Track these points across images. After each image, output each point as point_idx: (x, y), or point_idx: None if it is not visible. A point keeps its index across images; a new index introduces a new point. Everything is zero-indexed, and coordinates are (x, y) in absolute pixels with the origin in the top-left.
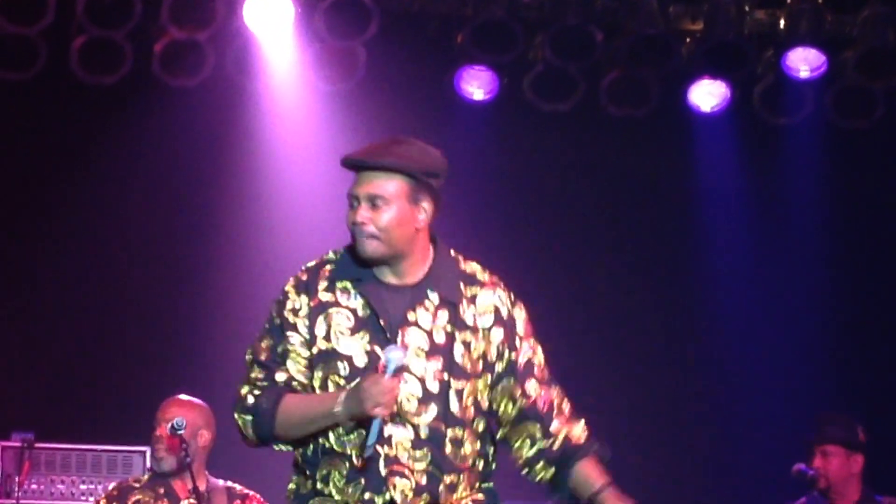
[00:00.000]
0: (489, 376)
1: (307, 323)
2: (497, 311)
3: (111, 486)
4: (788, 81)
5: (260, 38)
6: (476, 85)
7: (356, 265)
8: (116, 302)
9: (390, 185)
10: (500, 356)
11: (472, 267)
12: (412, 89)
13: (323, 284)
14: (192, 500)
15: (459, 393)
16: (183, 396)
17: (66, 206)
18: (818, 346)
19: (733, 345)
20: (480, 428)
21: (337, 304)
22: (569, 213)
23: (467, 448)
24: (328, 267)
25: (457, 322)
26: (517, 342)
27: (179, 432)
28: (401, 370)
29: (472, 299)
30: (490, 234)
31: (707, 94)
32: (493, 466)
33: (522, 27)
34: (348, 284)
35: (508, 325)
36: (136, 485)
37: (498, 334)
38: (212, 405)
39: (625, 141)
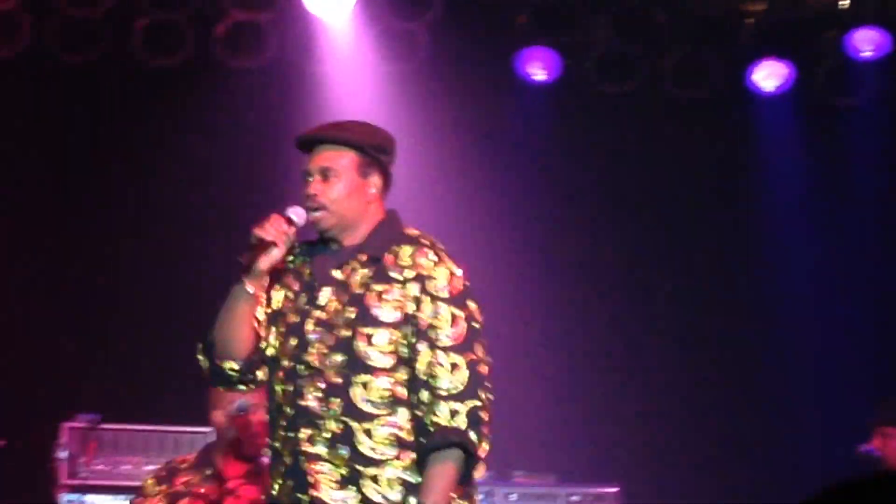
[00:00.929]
0: (410, 328)
1: (270, 285)
2: (418, 265)
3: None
4: (852, 62)
5: (321, 19)
6: (538, 66)
7: (323, 240)
8: (180, 283)
9: (341, 159)
10: (418, 310)
11: (414, 232)
12: (474, 71)
13: (290, 257)
14: (237, 482)
15: (369, 339)
16: None
17: (127, 188)
18: (882, 328)
19: (796, 326)
20: (404, 377)
21: (294, 271)
22: (631, 193)
23: (376, 394)
24: (306, 244)
25: (377, 275)
26: (426, 300)
27: (243, 413)
28: (293, 221)
29: (397, 254)
30: (552, 214)
31: (770, 75)
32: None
33: (585, 8)
34: (308, 258)
35: (425, 280)
36: (183, 465)
37: (414, 288)
38: None
39: (687, 122)
